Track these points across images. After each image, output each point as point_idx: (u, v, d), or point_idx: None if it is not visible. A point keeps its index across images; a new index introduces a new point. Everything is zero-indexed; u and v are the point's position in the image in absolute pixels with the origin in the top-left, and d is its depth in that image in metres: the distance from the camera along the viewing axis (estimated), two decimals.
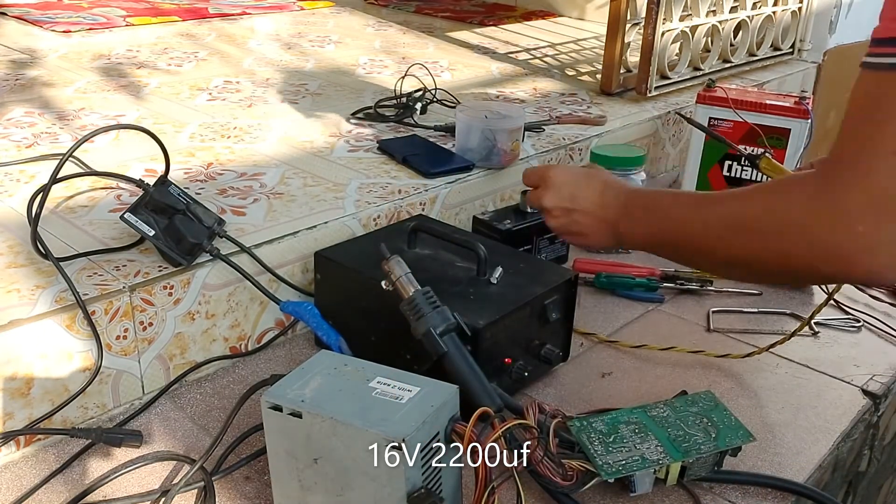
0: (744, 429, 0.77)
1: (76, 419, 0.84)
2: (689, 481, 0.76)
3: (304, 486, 0.66)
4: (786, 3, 1.95)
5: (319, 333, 0.92)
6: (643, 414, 0.78)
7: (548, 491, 0.74)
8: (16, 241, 0.93)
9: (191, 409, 0.88)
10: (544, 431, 0.72)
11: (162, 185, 0.92)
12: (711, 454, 0.74)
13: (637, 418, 0.77)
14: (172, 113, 1.43)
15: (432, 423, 0.62)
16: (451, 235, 0.96)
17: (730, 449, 0.75)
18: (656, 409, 0.79)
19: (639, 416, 0.77)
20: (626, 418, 0.77)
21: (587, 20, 2.53)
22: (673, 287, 1.16)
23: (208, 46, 1.96)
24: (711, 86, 1.39)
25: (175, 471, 0.79)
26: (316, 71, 1.79)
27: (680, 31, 1.64)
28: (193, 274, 0.90)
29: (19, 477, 0.77)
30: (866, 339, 1.06)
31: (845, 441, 0.88)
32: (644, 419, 0.77)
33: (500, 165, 1.23)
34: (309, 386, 0.65)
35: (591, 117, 1.49)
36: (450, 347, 0.76)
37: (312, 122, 1.42)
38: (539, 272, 0.94)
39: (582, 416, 0.79)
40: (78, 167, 1.13)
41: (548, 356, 0.92)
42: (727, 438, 0.75)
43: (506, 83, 1.75)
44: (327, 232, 1.03)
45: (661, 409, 0.79)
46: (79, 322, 0.82)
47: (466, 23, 2.39)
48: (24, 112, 1.40)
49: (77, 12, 2.23)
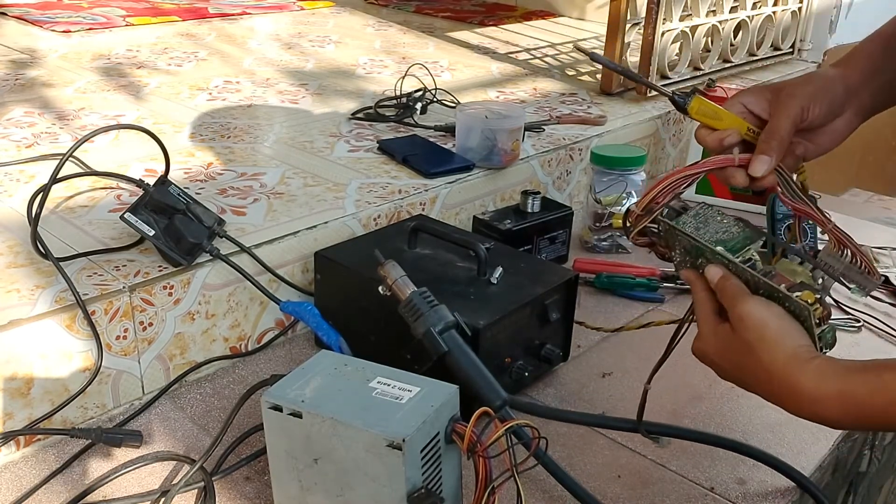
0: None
1: (76, 419, 0.84)
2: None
3: (304, 487, 0.66)
4: (786, 3, 1.95)
5: (319, 333, 0.92)
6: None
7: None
8: (16, 241, 0.93)
9: (191, 409, 0.88)
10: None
11: (162, 185, 0.92)
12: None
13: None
14: (172, 113, 1.43)
15: (432, 423, 0.62)
16: (451, 235, 0.95)
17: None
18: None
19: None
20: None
21: (587, 20, 2.53)
22: (673, 287, 1.16)
23: (208, 46, 1.95)
24: (711, 86, 1.39)
25: (175, 471, 0.79)
26: (316, 71, 1.79)
27: (680, 31, 1.64)
28: (193, 274, 0.90)
29: (19, 477, 0.77)
30: (866, 339, 1.06)
31: (846, 441, 0.88)
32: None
33: (500, 165, 1.23)
34: (309, 386, 0.65)
35: (591, 117, 1.48)
36: (450, 345, 0.76)
37: (312, 122, 1.42)
38: (539, 272, 0.94)
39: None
40: (78, 167, 1.13)
41: (548, 356, 0.92)
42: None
43: (506, 83, 1.75)
44: (327, 232, 1.03)
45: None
46: (79, 322, 0.82)
47: (466, 23, 2.39)
48: (24, 112, 1.39)
49: (77, 12, 2.23)
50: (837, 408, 0.60)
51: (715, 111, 0.69)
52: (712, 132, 0.71)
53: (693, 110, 0.70)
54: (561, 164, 1.37)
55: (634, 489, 0.78)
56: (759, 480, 0.80)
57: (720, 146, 0.71)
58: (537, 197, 1.15)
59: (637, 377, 0.96)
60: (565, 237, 1.20)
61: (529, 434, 0.69)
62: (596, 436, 0.86)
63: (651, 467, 0.82)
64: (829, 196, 1.67)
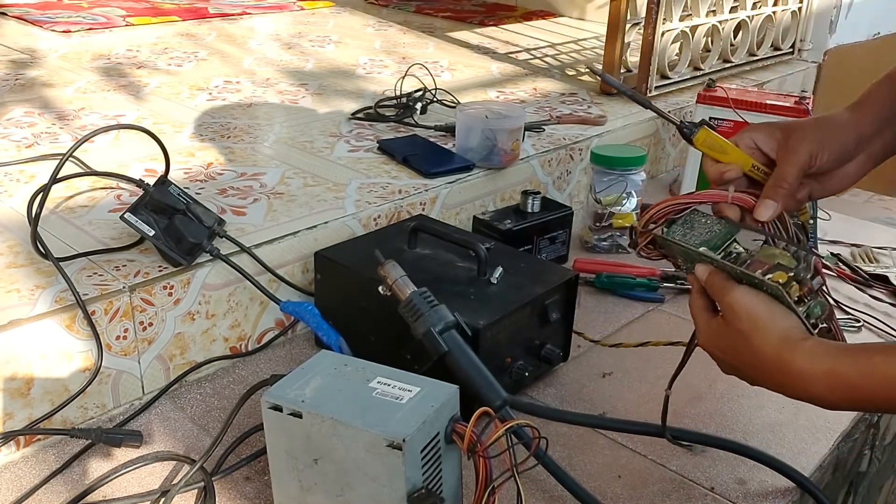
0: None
1: (76, 419, 0.84)
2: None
3: (304, 487, 0.66)
4: (786, 3, 1.95)
5: (319, 333, 0.92)
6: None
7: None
8: (16, 241, 0.93)
9: (191, 409, 0.88)
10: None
11: (162, 185, 0.92)
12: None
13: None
14: (172, 113, 1.43)
15: (432, 423, 0.62)
16: (451, 235, 0.95)
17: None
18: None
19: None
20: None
21: (587, 20, 2.53)
22: (673, 287, 1.16)
23: (208, 46, 1.95)
24: (711, 86, 1.39)
25: (175, 471, 0.79)
26: (316, 71, 1.79)
27: (680, 31, 1.64)
28: (193, 274, 0.90)
29: (19, 477, 0.77)
30: (866, 338, 1.06)
31: (846, 441, 0.88)
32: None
33: (500, 165, 1.23)
34: (309, 386, 0.65)
35: (591, 117, 1.48)
36: (450, 345, 0.76)
37: (312, 122, 1.42)
38: (539, 272, 0.94)
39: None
40: (78, 167, 1.13)
41: (548, 356, 0.92)
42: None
43: (506, 83, 1.75)
44: (327, 232, 1.03)
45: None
46: (79, 322, 0.82)
47: (466, 23, 2.39)
48: (24, 112, 1.39)
49: (77, 12, 2.23)
50: (826, 387, 0.61)
51: (721, 145, 0.71)
52: (716, 164, 0.72)
53: (699, 141, 0.71)
54: (561, 164, 1.37)
55: (634, 489, 0.78)
56: (759, 480, 0.80)
57: (720, 179, 0.72)
58: (537, 197, 1.15)
59: (637, 377, 0.96)
60: (565, 237, 1.20)
61: (529, 434, 0.69)
62: (596, 436, 0.86)
63: (651, 467, 0.82)
64: (830, 196, 1.67)
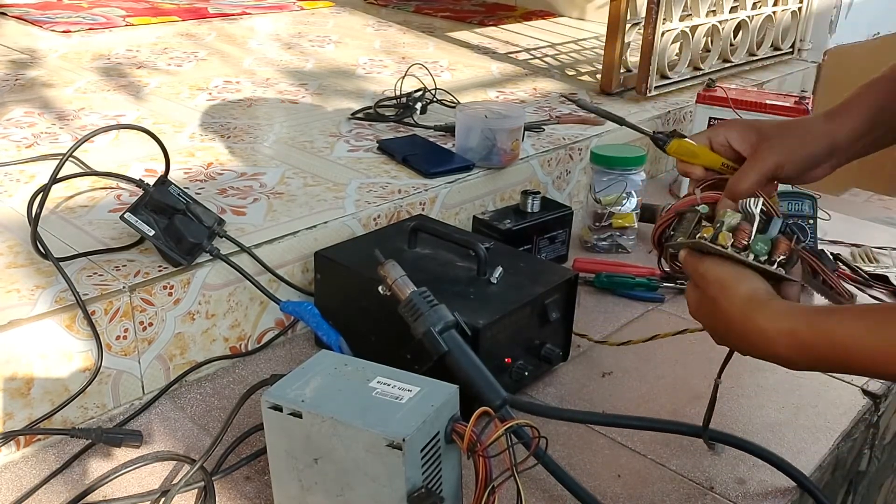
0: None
1: (76, 419, 0.84)
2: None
3: (304, 486, 0.66)
4: (786, 3, 1.95)
5: (319, 333, 0.92)
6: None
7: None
8: (16, 241, 0.93)
9: (191, 409, 0.88)
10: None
11: (162, 185, 0.92)
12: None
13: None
14: (172, 113, 1.43)
15: (432, 423, 0.62)
16: (451, 235, 0.95)
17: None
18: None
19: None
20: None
21: (587, 20, 2.53)
22: (673, 287, 1.16)
23: (208, 46, 1.95)
24: (711, 86, 1.39)
25: (175, 471, 0.79)
26: (316, 71, 1.79)
27: (680, 31, 1.64)
28: (193, 274, 0.90)
29: (19, 477, 0.77)
30: None
31: (846, 441, 0.88)
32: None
33: (500, 165, 1.23)
34: (309, 386, 0.65)
35: (590, 117, 1.48)
36: (450, 345, 0.76)
37: (312, 122, 1.42)
38: (539, 272, 0.94)
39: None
40: (78, 167, 1.13)
41: (548, 356, 0.92)
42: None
43: (506, 83, 1.75)
44: (327, 232, 1.03)
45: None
46: (79, 322, 0.82)
47: (466, 23, 2.39)
48: (24, 112, 1.39)
49: (77, 12, 2.23)
50: (786, 346, 0.62)
51: (692, 150, 0.77)
52: (686, 164, 0.79)
53: (671, 150, 0.79)
54: (561, 164, 1.37)
55: (634, 489, 0.78)
56: (759, 480, 0.80)
57: (686, 176, 0.80)
58: (537, 197, 1.15)
59: (637, 377, 0.96)
60: (565, 237, 1.20)
61: (529, 434, 0.69)
62: (596, 435, 0.86)
63: (651, 467, 0.82)
64: (830, 196, 1.67)
